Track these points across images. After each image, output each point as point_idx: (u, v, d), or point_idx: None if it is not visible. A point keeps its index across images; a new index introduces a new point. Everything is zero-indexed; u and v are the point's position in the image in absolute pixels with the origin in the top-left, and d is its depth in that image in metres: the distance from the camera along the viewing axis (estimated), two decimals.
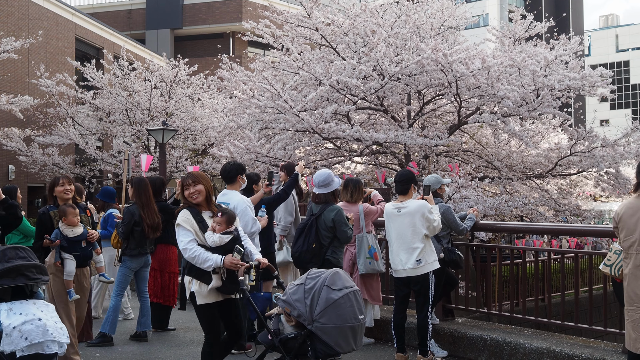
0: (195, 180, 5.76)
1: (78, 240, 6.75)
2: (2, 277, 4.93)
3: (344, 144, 16.68)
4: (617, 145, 15.37)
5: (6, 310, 4.82)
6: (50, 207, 6.89)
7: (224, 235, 5.54)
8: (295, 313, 5.03)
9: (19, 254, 5.10)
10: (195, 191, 5.72)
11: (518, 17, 17.90)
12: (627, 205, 5.55)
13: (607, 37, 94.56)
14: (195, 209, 5.71)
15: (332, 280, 5.09)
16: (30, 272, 5.04)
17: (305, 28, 16.39)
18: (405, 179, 7.04)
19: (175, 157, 23.87)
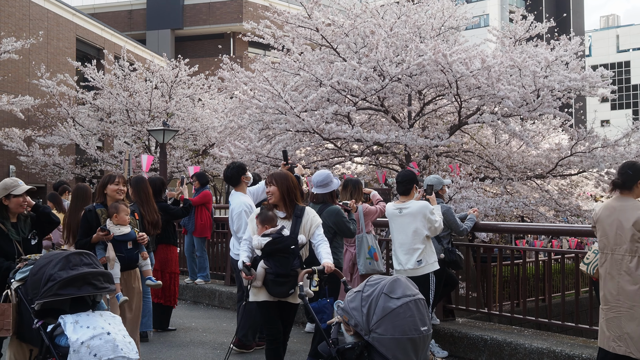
0: (270, 182, 5.80)
1: (124, 240, 6.46)
2: (67, 285, 4.64)
3: (345, 145, 16.69)
4: (617, 145, 15.37)
5: (72, 324, 4.54)
6: (97, 205, 6.67)
7: (262, 237, 5.51)
8: (352, 322, 4.75)
9: (83, 260, 4.86)
10: (269, 192, 5.81)
11: (518, 17, 17.90)
12: (605, 206, 5.69)
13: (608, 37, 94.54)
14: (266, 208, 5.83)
15: (391, 288, 4.70)
16: (98, 281, 4.77)
17: (305, 28, 16.40)
18: (407, 179, 7.05)
19: (175, 157, 23.90)
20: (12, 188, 6.03)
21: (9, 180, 6.08)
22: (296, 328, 9.13)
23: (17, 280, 5.07)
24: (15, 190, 6.02)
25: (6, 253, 5.84)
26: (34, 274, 4.87)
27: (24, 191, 6.12)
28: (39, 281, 4.75)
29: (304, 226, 5.74)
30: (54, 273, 4.67)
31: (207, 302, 11.18)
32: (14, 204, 6.07)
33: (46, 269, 4.73)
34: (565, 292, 7.92)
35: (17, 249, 5.87)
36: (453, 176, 14.50)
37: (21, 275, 5.06)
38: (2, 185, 6.01)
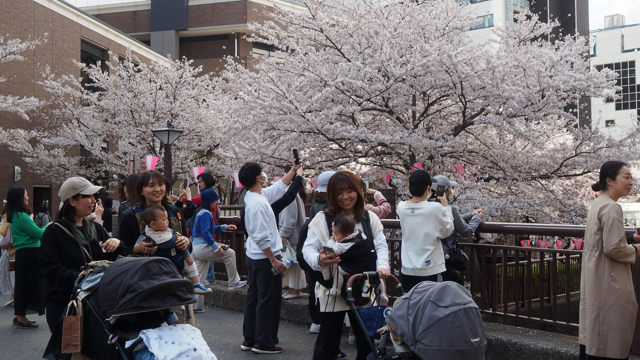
0: (350, 187, 5.48)
1: (167, 248, 5.89)
2: (150, 297, 4.25)
3: (349, 145, 16.69)
4: (622, 145, 15.34)
5: (157, 339, 4.19)
6: (136, 209, 6.12)
7: (344, 243, 5.25)
8: (398, 331, 4.45)
9: (162, 268, 4.48)
10: (348, 197, 5.48)
11: (523, 17, 17.88)
12: (591, 204, 6.05)
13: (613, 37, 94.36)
14: (328, 214, 5.53)
15: (439, 296, 4.36)
16: (181, 291, 4.38)
17: (310, 29, 16.40)
18: (421, 180, 7.05)
19: (180, 158, 23.93)
20: (82, 188, 5.41)
21: (77, 180, 5.48)
22: (301, 328, 9.13)
23: (84, 290, 4.65)
24: (85, 190, 5.41)
25: (74, 259, 5.22)
26: (107, 283, 4.45)
27: (94, 192, 5.52)
28: (114, 292, 4.35)
29: (370, 230, 5.59)
30: (134, 283, 4.26)
31: (212, 303, 11.19)
32: (82, 205, 5.42)
33: (123, 278, 4.34)
34: (570, 293, 7.91)
35: (85, 254, 5.30)
36: (458, 177, 14.49)
37: (89, 285, 4.65)
38: (70, 185, 5.40)
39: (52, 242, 5.21)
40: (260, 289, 7.63)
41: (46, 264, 5.14)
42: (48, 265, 5.14)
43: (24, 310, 9.47)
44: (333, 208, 5.55)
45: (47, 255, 5.15)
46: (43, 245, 5.19)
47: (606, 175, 5.84)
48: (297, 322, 9.50)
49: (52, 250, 5.17)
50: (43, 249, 5.16)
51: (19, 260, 9.58)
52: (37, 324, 9.49)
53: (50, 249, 5.17)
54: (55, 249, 5.17)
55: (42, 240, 5.23)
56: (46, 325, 9.40)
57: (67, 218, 5.40)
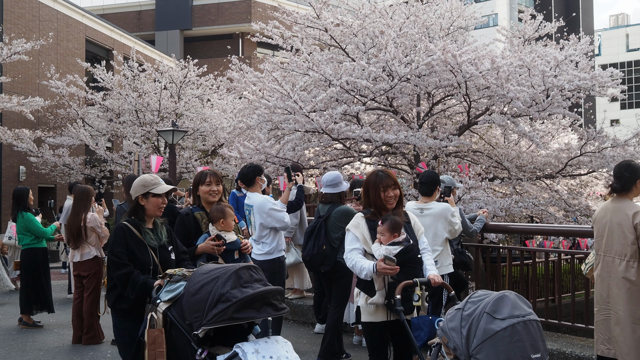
0: (394, 184, 5.06)
1: (231, 249, 5.57)
2: (245, 307, 3.89)
3: (354, 145, 16.69)
4: (627, 145, 15.30)
5: (254, 354, 3.86)
6: (194, 208, 5.84)
7: (392, 246, 4.78)
8: (451, 345, 4.10)
9: (253, 276, 4.12)
10: (394, 195, 5.05)
11: (527, 17, 17.86)
12: (602, 207, 5.67)
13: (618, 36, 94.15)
14: (370, 211, 5.07)
15: (496, 307, 3.98)
16: (277, 300, 4.04)
17: (314, 29, 16.41)
18: (431, 180, 7.05)
19: (185, 157, 23.96)
20: (153, 186, 5.02)
21: (148, 177, 5.09)
22: (305, 328, 9.14)
23: (165, 301, 4.27)
24: (156, 189, 5.03)
25: (142, 264, 4.83)
26: (193, 293, 4.06)
27: (165, 191, 5.12)
28: (202, 302, 3.98)
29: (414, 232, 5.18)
30: (226, 292, 3.90)
31: None
32: (152, 204, 5.02)
33: (212, 287, 3.97)
34: (575, 293, 7.91)
35: (153, 259, 4.91)
36: (462, 176, 14.47)
37: (170, 295, 4.26)
38: (141, 182, 5.03)
39: (122, 242, 4.82)
40: None
41: (117, 266, 4.77)
42: (120, 268, 4.76)
43: (29, 310, 9.49)
44: (374, 210, 5.05)
45: (117, 256, 4.79)
46: (113, 245, 4.85)
47: (638, 177, 5.47)
48: (301, 322, 9.51)
49: (123, 251, 4.80)
50: (113, 250, 4.82)
51: (24, 260, 9.61)
52: (42, 324, 9.52)
53: (120, 249, 4.80)
54: (125, 250, 4.81)
55: (112, 240, 4.90)
56: (51, 324, 9.47)
57: (136, 217, 5.03)
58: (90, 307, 8.18)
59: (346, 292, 7.13)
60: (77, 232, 8.24)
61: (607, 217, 5.46)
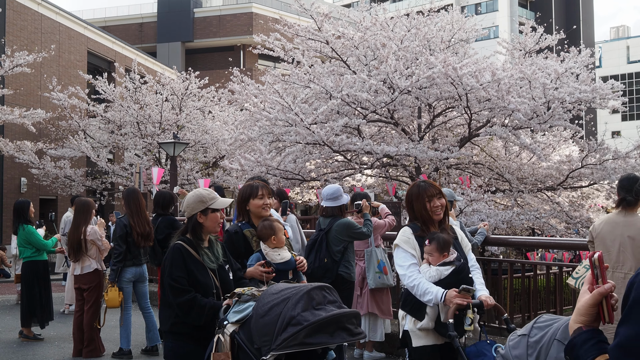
0: (440, 192, 4.66)
1: (285, 269, 5.00)
2: (318, 332, 3.56)
3: (355, 157, 16.70)
4: (629, 157, 15.30)
5: None
6: (243, 225, 5.26)
7: (442, 267, 4.43)
8: None
9: (327, 297, 3.79)
10: (440, 205, 4.63)
11: (528, 29, 17.92)
12: (606, 221, 5.46)
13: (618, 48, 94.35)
14: (418, 226, 4.63)
15: (567, 333, 3.32)
16: (352, 324, 3.69)
17: (315, 41, 16.46)
18: None
19: (186, 169, 23.98)
20: (211, 201, 4.60)
21: (204, 192, 4.66)
22: None
23: (232, 323, 3.95)
24: (215, 204, 4.60)
25: (203, 287, 4.41)
26: (262, 314, 3.77)
27: (225, 205, 4.71)
28: (271, 325, 3.70)
29: (461, 248, 4.79)
30: (297, 315, 3.61)
31: None
32: (211, 221, 4.58)
33: (282, 308, 3.69)
34: None
35: (214, 281, 4.49)
36: (464, 189, 14.47)
37: (238, 316, 3.95)
38: (197, 197, 4.59)
39: (180, 265, 4.39)
40: None
41: (178, 293, 4.34)
42: (181, 294, 4.33)
43: (29, 323, 9.47)
44: (421, 224, 4.61)
45: (177, 281, 4.34)
46: (171, 269, 4.39)
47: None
48: None
49: (183, 275, 4.36)
50: (172, 274, 4.37)
51: (25, 272, 9.59)
52: (42, 337, 9.49)
53: (180, 273, 4.36)
54: (185, 274, 4.37)
55: (170, 263, 4.43)
56: (52, 337, 9.45)
57: (193, 236, 4.56)
58: (91, 320, 8.17)
59: (348, 304, 7.11)
60: (77, 245, 8.23)
61: (616, 232, 5.28)
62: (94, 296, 8.18)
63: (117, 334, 8.25)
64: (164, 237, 8.88)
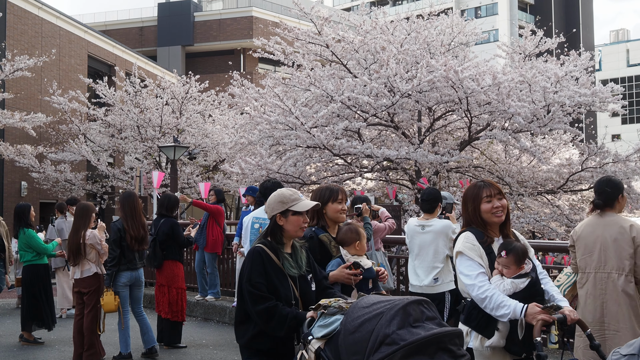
0: (500, 193, 4.24)
1: (366, 277, 4.63)
2: (415, 353, 3.11)
3: (355, 160, 16.71)
4: (629, 160, 15.31)
5: None
6: (317, 230, 4.83)
7: (518, 279, 4.01)
8: None
9: (425, 313, 3.32)
10: (501, 206, 4.19)
11: (528, 33, 17.94)
12: (587, 224, 5.45)
13: (618, 51, 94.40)
14: (481, 232, 4.20)
15: None
16: (454, 345, 3.21)
17: (315, 45, 16.48)
18: (433, 197, 7.06)
19: (186, 173, 23.98)
20: (292, 202, 4.21)
21: (286, 192, 4.28)
22: None
23: (317, 338, 3.55)
24: (296, 206, 4.21)
25: (282, 298, 4.03)
26: (352, 330, 3.33)
27: (307, 208, 4.25)
28: (362, 342, 3.28)
29: None
30: (392, 333, 3.18)
31: (217, 319, 11.17)
32: (292, 224, 4.20)
33: (374, 324, 3.26)
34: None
35: (293, 290, 4.10)
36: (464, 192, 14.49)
37: (324, 331, 3.55)
38: (278, 198, 4.24)
39: (260, 270, 4.03)
40: None
41: (258, 300, 3.97)
42: (260, 301, 3.96)
43: (30, 326, 9.47)
44: (481, 229, 4.21)
45: (257, 287, 3.99)
46: (251, 274, 4.04)
47: (620, 192, 5.35)
48: None
49: (262, 281, 4.00)
50: (251, 280, 4.02)
51: (25, 276, 9.59)
52: (42, 341, 9.49)
53: (259, 279, 4.00)
54: (264, 280, 4.01)
55: (249, 267, 4.08)
56: (52, 341, 9.44)
57: (273, 240, 4.20)
58: (91, 324, 8.16)
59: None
60: (76, 249, 8.23)
61: (596, 233, 5.29)
62: (94, 300, 8.17)
63: (117, 337, 8.26)
64: (165, 238, 8.92)
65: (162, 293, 8.95)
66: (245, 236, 7.74)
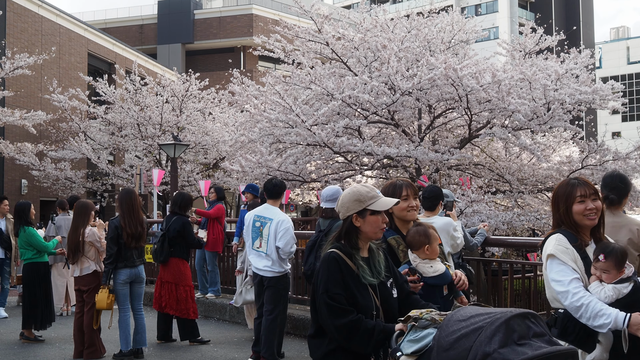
0: (595, 192, 3.91)
1: (439, 284, 4.26)
2: None
3: (355, 158, 16.71)
4: (629, 158, 15.30)
5: None
6: (387, 232, 4.28)
7: (620, 284, 3.67)
8: None
9: (532, 328, 2.88)
10: (594, 208, 3.86)
11: (528, 30, 17.93)
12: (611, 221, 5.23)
13: (618, 49, 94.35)
14: (573, 234, 3.86)
15: None
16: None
17: (315, 43, 16.47)
18: (434, 195, 7.07)
19: (186, 171, 23.99)
20: (371, 200, 3.69)
21: (363, 189, 3.74)
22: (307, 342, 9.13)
23: (407, 355, 3.17)
24: (375, 204, 3.69)
25: (362, 309, 3.56)
26: (446, 347, 2.97)
27: (388, 206, 3.77)
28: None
29: None
30: (493, 352, 2.77)
31: (218, 317, 11.18)
32: (370, 225, 3.68)
33: (472, 341, 2.87)
34: None
35: (374, 299, 3.62)
36: (464, 190, 14.48)
37: (415, 346, 3.15)
38: (354, 196, 3.70)
39: (338, 279, 3.55)
40: (268, 306, 7.58)
41: (338, 313, 3.49)
42: (341, 315, 3.48)
43: (30, 324, 9.48)
44: (573, 232, 3.86)
45: (336, 299, 3.51)
46: (327, 284, 3.55)
47: (629, 189, 5.10)
48: (303, 336, 9.49)
49: (341, 292, 3.53)
50: (329, 290, 3.53)
51: (26, 274, 9.61)
52: (43, 339, 9.50)
53: (338, 290, 3.53)
54: (343, 290, 3.54)
55: (325, 276, 3.58)
56: (53, 339, 9.45)
57: (348, 243, 3.68)
58: (91, 322, 8.17)
59: None
60: (75, 247, 8.25)
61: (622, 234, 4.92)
62: (94, 298, 8.19)
63: (118, 335, 8.27)
64: (175, 236, 8.99)
65: (168, 290, 8.99)
66: (246, 235, 7.75)
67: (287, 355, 8.18)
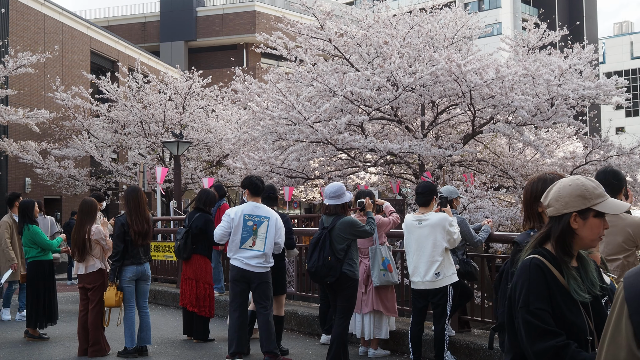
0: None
1: None
2: None
3: (358, 155, 16.70)
4: (633, 153, 15.28)
5: None
6: (529, 231, 3.90)
7: None
8: None
9: None
10: None
11: (531, 25, 17.89)
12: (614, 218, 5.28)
13: (622, 44, 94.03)
14: None
15: None
16: None
17: (318, 39, 16.46)
18: (427, 190, 7.07)
19: (190, 168, 23.99)
20: (598, 199, 2.88)
21: (589, 183, 2.92)
22: (311, 339, 9.12)
23: None
24: (602, 205, 2.89)
25: (573, 330, 2.81)
26: None
27: (621, 211, 2.96)
28: None
29: None
30: None
31: (222, 314, 11.17)
32: (590, 230, 2.91)
33: None
34: None
35: (587, 321, 2.84)
36: (467, 186, 14.46)
37: None
38: (576, 189, 2.89)
39: (543, 292, 2.81)
40: (264, 301, 7.49)
41: (541, 335, 2.76)
42: (544, 338, 2.75)
43: (35, 323, 9.50)
44: None
45: (539, 316, 2.77)
46: (529, 296, 2.81)
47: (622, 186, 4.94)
48: (307, 333, 9.49)
49: (547, 308, 2.79)
50: (530, 304, 2.80)
51: (30, 273, 9.62)
52: (48, 337, 9.51)
53: (542, 305, 2.79)
54: (549, 306, 2.79)
55: (526, 287, 2.83)
56: (57, 337, 9.47)
57: (558, 249, 2.91)
58: (95, 320, 8.18)
59: (351, 303, 7.11)
60: (81, 245, 8.25)
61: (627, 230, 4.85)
62: (98, 295, 8.20)
63: (122, 332, 8.28)
64: (197, 232, 9.01)
65: (189, 286, 9.04)
66: (235, 234, 7.51)
67: (292, 352, 8.18)
